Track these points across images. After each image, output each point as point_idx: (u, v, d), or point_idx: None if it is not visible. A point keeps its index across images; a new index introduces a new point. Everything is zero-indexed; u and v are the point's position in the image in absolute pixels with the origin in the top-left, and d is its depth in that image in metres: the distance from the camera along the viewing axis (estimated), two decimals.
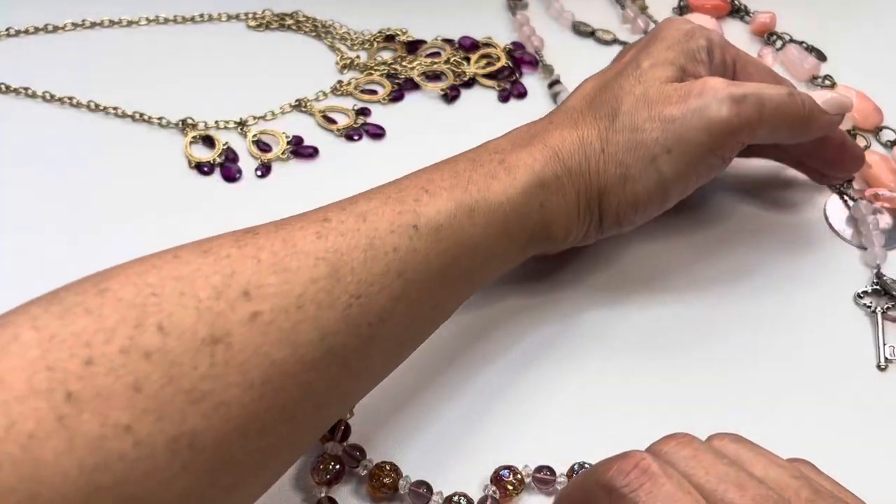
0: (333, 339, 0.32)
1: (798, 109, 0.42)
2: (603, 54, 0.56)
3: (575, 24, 0.58)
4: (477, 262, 0.37)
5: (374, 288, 0.33)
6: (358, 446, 0.38)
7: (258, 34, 0.57)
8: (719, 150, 0.41)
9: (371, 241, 0.34)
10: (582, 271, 0.45)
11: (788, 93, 0.41)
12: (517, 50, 0.56)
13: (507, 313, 0.43)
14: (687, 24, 0.44)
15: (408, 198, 0.36)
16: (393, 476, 0.37)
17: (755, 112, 0.40)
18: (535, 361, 0.42)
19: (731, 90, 0.40)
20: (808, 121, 0.42)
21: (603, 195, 0.41)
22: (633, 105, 0.41)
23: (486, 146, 0.40)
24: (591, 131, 0.41)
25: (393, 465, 0.37)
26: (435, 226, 0.35)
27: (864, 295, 0.44)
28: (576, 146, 0.40)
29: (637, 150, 0.40)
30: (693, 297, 0.45)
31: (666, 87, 0.41)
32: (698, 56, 0.43)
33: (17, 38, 0.55)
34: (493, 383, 0.41)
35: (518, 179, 0.38)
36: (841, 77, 0.55)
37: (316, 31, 0.57)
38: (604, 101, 0.42)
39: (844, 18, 0.60)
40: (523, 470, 0.38)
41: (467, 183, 0.37)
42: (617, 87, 0.42)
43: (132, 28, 0.56)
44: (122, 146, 0.50)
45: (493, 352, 0.42)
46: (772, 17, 0.58)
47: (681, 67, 0.42)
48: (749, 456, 0.28)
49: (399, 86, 0.54)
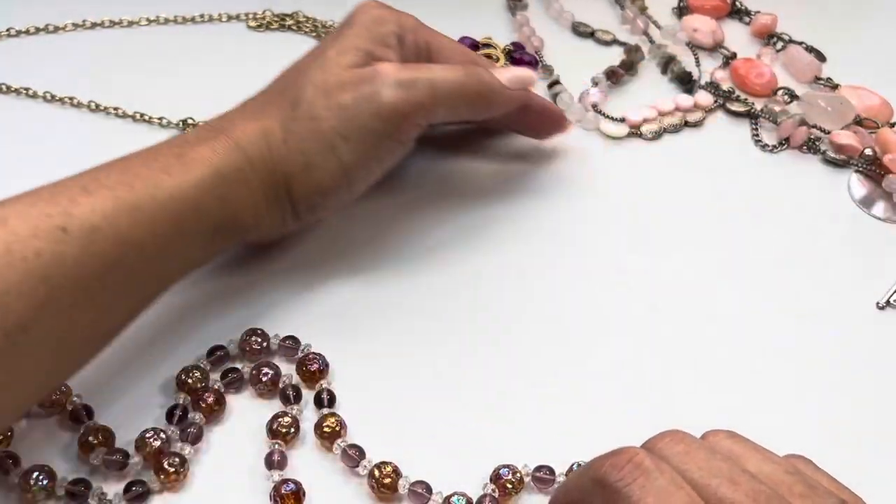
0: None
1: (476, 88, 0.43)
2: (603, 55, 0.56)
3: (575, 24, 0.58)
4: (147, 262, 0.36)
5: (10, 296, 0.32)
6: (357, 446, 0.38)
7: (258, 34, 0.57)
8: (395, 135, 0.41)
9: (8, 246, 0.32)
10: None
11: (466, 73, 0.42)
12: (517, 50, 0.56)
13: (513, 315, 0.44)
14: (379, 8, 0.44)
15: (62, 198, 0.35)
16: (393, 476, 0.37)
17: (426, 96, 0.41)
18: (534, 360, 0.42)
19: (400, 75, 0.41)
20: (488, 98, 0.43)
21: (290, 184, 0.41)
22: (314, 93, 0.41)
23: (176, 138, 0.40)
24: (274, 122, 0.41)
25: (393, 465, 0.37)
26: (89, 227, 0.34)
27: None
28: (258, 136, 0.40)
29: (317, 139, 0.40)
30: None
31: (344, 73, 0.41)
32: (387, 41, 0.43)
33: (18, 38, 0.55)
34: (493, 382, 0.41)
35: (192, 173, 0.38)
36: (841, 77, 0.56)
37: (316, 32, 0.57)
38: (289, 90, 0.42)
39: (844, 19, 0.61)
40: (522, 469, 0.38)
41: (134, 179, 0.36)
42: (302, 76, 0.42)
43: (133, 28, 0.56)
44: (122, 146, 0.50)
45: (492, 351, 0.42)
46: (773, 19, 0.58)
47: (368, 53, 0.42)
48: (743, 452, 0.28)
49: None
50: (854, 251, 0.48)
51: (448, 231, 0.47)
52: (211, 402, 0.39)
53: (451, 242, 0.46)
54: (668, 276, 0.45)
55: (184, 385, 0.39)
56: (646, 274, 0.45)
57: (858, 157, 0.51)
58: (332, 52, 0.42)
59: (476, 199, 0.48)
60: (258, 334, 0.41)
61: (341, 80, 0.41)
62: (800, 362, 0.43)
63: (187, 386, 0.39)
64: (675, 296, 0.45)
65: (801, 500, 0.27)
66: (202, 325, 0.42)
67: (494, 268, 0.45)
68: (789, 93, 0.54)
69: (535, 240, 0.47)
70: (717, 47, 0.57)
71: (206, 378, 0.40)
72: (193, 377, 0.39)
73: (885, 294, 0.45)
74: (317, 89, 0.41)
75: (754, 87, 0.55)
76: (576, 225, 0.47)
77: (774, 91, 0.55)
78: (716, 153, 0.52)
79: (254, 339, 0.41)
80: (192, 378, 0.39)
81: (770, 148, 0.52)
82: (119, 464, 0.37)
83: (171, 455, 0.37)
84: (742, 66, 0.55)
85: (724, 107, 0.54)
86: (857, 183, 0.50)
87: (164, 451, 0.37)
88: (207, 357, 0.40)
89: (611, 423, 0.40)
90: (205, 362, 0.40)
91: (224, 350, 0.41)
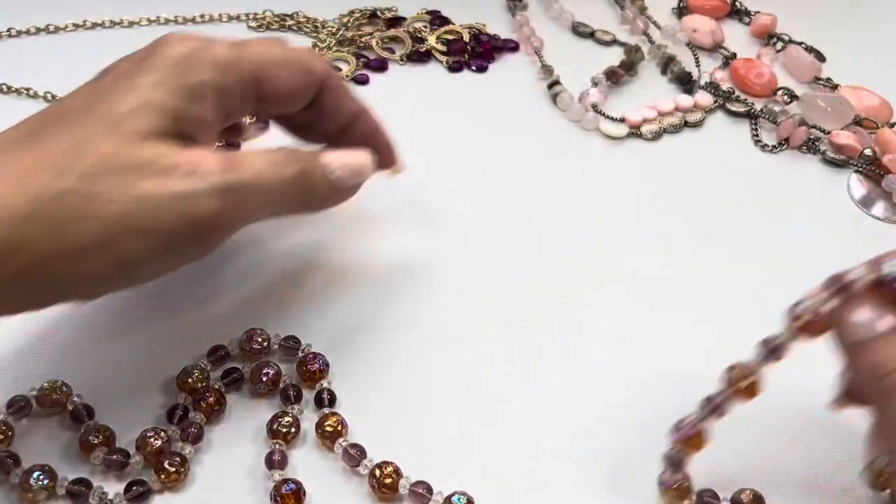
0: None
1: (304, 191, 0.36)
2: (602, 55, 0.56)
3: (574, 24, 0.58)
4: None
5: None
6: (358, 446, 0.38)
7: (259, 35, 0.57)
8: (202, 244, 0.34)
9: None
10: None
11: (296, 174, 0.35)
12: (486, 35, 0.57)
13: (515, 315, 0.44)
14: (185, 43, 0.34)
15: None
16: (393, 476, 0.37)
17: (250, 205, 0.34)
18: (536, 360, 0.42)
19: (223, 178, 0.33)
20: (318, 203, 0.38)
21: (48, 263, 0.31)
22: (98, 166, 0.31)
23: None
24: (20, 188, 0.30)
25: (393, 465, 0.37)
26: None
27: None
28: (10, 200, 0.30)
29: (92, 225, 0.31)
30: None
31: (144, 150, 0.32)
32: (201, 93, 0.34)
33: (19, 38, 0.55)
34: (495, 382, 0.41)
35: None
36: (841, 77, 0.56)
37: (316, 32, 0.57)
38: (61, 141, 0.32)
39: (844, 19, 0.61)
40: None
41: None
42: (79, 132, 0.32)
43: (133, 29, 0.56)
44: None
45: (493, 351, 0.42)
46: (773, 20, 0.58)
47: (176, 115, 0.33)
48: None
49: (366, 64, 0.55)
50: (854, 251, 0.47)
51: (447, 231, 0.47)
52: (211, 401, 0.39)
53: (450, 242, 0.46)
54: (668, 277, 0.46)
55: (184, 385, 0.39)
56: (646, 274, 0.46)
57: (858, 157, 0.51)
58: (125, 106, 0.32)
59: (476, 199, 0.48)
60: (258, 334, 0.41)
61: (142, 160, 0.32)
62: (799, 362, 0.43)
63: (188, 385, 0.39)
64: (675, 296, 0.45)
65: None
66: (202, 325, 0.42)
67: (494, 268, 0.45)
68: (789, 93, 0.54)
69: (535, 240, 0.47)
70: (717, 47, 0.57)
71: (206, 378, 0.40)
72: (194, 377, 0.39)
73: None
74: (104, 162, 0.31)
75: (754, 88, 0.55)
76: (575, 225, 0.47)
77: (774, 91, 0.55)
78: (716, 153, 0.52)
79: (254, 339, 0.41)
80: (193, 378, 0.39)
81: (770, 148, 0.52)
82: (120, 463, 0.37)
83: (172, 455, 0.37)
84: (742, 67, 0.56)
85: (723, 107, 0.54)
86: (857, 183, 0.50)
87: (164, 451, 0.37)
88: (208, 357, 0.40)
89: (615, 419, 0.40)
90: (205, 362, 0.40)
91: (224, 350, 0.41)
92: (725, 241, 0.47)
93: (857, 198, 0.49)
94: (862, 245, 0.48)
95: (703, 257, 0.46)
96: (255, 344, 0.41)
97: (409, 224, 0.47)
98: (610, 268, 0.46)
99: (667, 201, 0.49)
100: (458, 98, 0.54)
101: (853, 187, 0.50)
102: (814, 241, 0.48)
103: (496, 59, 0.56)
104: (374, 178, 0.40)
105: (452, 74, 0.55)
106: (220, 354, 0.41)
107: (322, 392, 0.40)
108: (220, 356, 0.41)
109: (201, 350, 0.41)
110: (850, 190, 0.50)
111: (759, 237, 0.48)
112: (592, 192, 0.49)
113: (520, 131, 0.52)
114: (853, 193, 0.50)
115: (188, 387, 0.39)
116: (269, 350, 0.41)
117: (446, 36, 0.56)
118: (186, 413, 0.39)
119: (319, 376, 0.40)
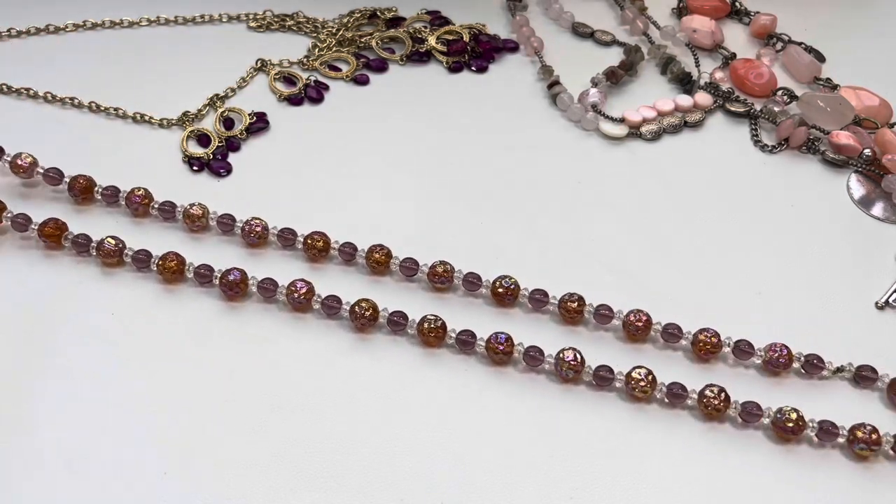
0: None
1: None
2: (602, 55, 0.56)
3: (574, 25, 0.58)
4: None
5: None
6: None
7: (259, 35, 0.57)
8: None
9: None
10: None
11: None
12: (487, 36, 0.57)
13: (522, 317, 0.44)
14: None
15: None
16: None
17: None
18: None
19: None
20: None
21: None
22: None
23: None
24: None
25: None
26: None
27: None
28: None
29: None
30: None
31: None
32: None
33: (19, 38, 0.55)
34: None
35: None
36: (841, 78, 0.56)
37: (316, 32, 0.57)
38: None
39: (844, 19, 0.61)
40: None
41: None
42: None
43: (133, 29, 0.56)
44: (123, 147, 0.50)
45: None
46: (772, 20, 0.58)
47: None
48: None
49: (366, 64, 0.55)
50: (853, 251, 0.48)
51: (447, 231, 0.47)
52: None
53: (450, 242, 0.46)
54: (667, 277, 0.46)
55: None
56: (646, 274, 0.46)
57: (858, 157, 0.51)
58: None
59: (476, 199, 0.48)
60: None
61: None
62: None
63: None
64: (675, 296, 0.45)
65: None
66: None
67: (494, 268, 0.45)
68: (789, 93, 0.54)
69: (535, 239, 0.47)
70: (717, 48, 0.58)
71: None
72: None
73: (885, 294, 0.45)
74: None
75: (754, 88, 0.55)
76: (575, 225, 0.48)
77: (774, 91, 0.55)
78: (715, 153, 0.52)
79: None
80: None
81: (769, 148, 0.52)
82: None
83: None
84: (741, 67, 0.56)
85: (723, 107, 0.54)
86: (857, 183, 0.50)
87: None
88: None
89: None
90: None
91: None
92: (725, 241, 0.47)
93: (856, 198, 0.49)
94: (862, 245, 0.48)
95: (703, 257, 0.47)
96: None
97: (410, 224, 0.47)
98: (609, 268, 0.46)
99: (666, 201, 0.49)
100: (458, 98, 0.54)
101: (853, 188, 0.50)
102: (813, 241, 0.48)
103: (496, 59, 0.56)
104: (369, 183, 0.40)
105: (452, 75, 0.55)
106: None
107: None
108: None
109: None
110: (849, 190, 0.50)
111: (759, 237, 0.48)
112: (592, 193, 0.49)
113: (520, 131, 0.52)
114: (853, 194, 0.50)
115: None
116: None
117: (446, 36, 0.57)
118: None
119: None
